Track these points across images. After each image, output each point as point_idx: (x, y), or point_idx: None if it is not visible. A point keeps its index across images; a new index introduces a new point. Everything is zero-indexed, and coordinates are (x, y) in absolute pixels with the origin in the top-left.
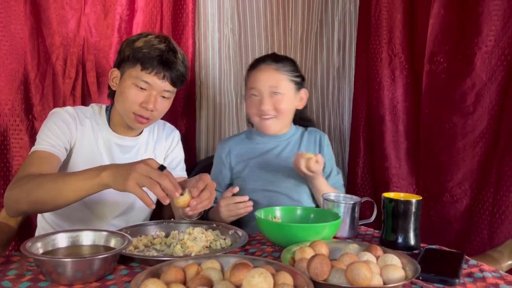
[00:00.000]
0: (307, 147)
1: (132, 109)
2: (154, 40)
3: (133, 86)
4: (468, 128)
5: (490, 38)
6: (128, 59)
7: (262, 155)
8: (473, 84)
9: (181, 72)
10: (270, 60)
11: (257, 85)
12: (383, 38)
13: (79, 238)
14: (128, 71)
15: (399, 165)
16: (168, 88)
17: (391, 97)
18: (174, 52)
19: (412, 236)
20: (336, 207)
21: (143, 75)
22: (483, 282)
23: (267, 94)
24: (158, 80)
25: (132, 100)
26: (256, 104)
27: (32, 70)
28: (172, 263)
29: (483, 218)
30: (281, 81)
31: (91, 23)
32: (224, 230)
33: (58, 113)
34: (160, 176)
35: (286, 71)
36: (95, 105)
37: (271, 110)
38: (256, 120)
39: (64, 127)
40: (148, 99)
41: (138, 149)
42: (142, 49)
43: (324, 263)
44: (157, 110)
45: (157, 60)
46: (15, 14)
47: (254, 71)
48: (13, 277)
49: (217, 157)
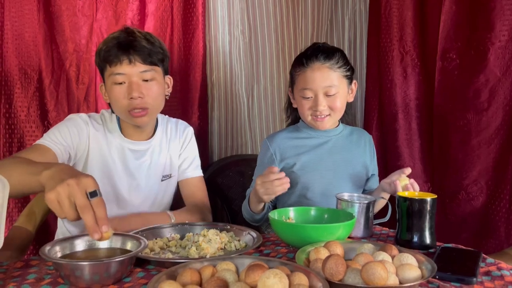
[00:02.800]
0: (357, 145)
1: (123, 107)
2: (111, 35)
3: (112, 86)
4: (483, 125)
5: (504, 33)
6: (100, 66)
7: (314, 149)
8: (487, 80)
9: (148, 48)
10: (322, 57)
11: (311, 86)
12: (394, 36)
13: (96, 241)
14: (106, 76)
15: (413, 163)
16: (144, 69)
17: (404, 95)
18: (131, 33)
19: (428, 235)
20: (351, 206)
21: (114, 70)
22: (501, 280)
23: (322, 94)
24: (128, 66)
25: (117, 98)
26: (310, 105)
27: (46, 77)
28: (188, 265)
29: (499, 215)
30: (335, 80)
31: (103, 29)
32: (238, 232)
33: (73, 119)
34: (85, 206)
35: (339, 67)
36: (105, 112)
37: (326, 110)
38: (308, 119)
39: (75, 132)
40: (130, 88)
41: (152, 152)
42: (102, 49)
43: (339, 263)
44: (146, 95)
45: (116, 48)
46: (29, 22)
47: (307, 69)
48: (33, 280)
49: (263, 153)
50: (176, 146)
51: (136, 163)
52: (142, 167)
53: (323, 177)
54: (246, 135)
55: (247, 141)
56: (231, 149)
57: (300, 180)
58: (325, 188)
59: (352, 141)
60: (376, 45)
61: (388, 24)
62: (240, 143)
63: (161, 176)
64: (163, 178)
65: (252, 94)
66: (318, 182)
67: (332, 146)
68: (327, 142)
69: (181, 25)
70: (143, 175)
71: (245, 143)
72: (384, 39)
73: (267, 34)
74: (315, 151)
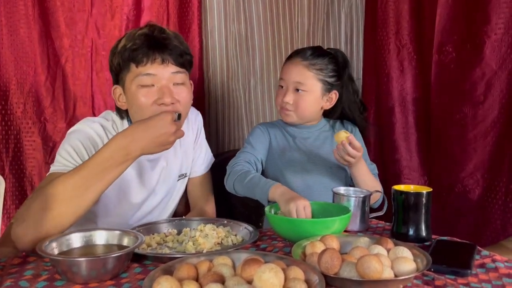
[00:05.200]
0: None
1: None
2: (134, 31)
3: (138, 88)
4: (479, 118)
5: (500, 26)
6: (120, 66)
7: (297, 144)
8: (483, 73)
9: (180, 49)
10: (305, 54)
11: (284, 76)
12: (390, 29)
13: (92, 237)
14: (127, 78)
15: (410, 157)
16: (175, 70)
17: (400, 88)
18: (160, 30)
19: (423, 228)
20: (347, 201)
21: (142, 70)
22: (495, 272)
23: (291, 88)
24: (160, 66)
25: (145, 104)
26: (280, 95)
27: (42, 73)
28: (185, 260)
29: (496, 208)
30: (307, 79)
31: (99, 25)
32: (235, 227)
33: (84, 131)
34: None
35: (318, 69)
36: (115, 117)
37: (290, 105)
38: (278, 108)
39: (90, 146)
40: (161, 92)
41: (167, 155)
42: (126, 46)
43: (335, 257)
44: (178, 100)
45: (146, 46)
46: (24, 18)
47: (287, 61)
48: (30, 277)
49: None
50: (190, 138)
51: (152, 173)
52: (158, 175)
53: (305, 171)
54: (243, 129)
55: (244, 135)
56: (228, 144)
57: (283, 173)
58: (305, 182)
59: (332, 135)
60: (372, 39)
61: (384, 18)
62: (237, 137)
63: (177, 176)
64: (179, 177)
65: (248, 89)
66: (299, 175)
67: (314, 141)
68: (310, 137)
69: (177, 20)
70: (161, 180)
71: (242, 137)
72: (381, 33)
73: (263, 29)
74: (297, 146)
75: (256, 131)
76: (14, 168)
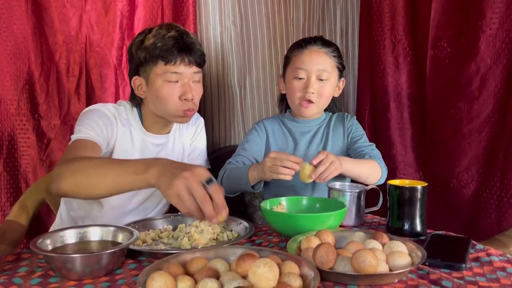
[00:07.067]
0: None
1: (175, 107)
2: (162, 31)
3: (164, 83)
4: (474, 113)
5: (494, 21)
6: (146, 61)
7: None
8: (478, 68)
9: (201, 52)
10: (320, 42)
11: (306, 66)
12: (385, 24)
13: (87, 234)
14: (153, 71)
15: (405, 152)
16: (196, 70)
17: (395, 84)
18: (187, 35)
19: (418, 222)
20: (342, 196)
21: (170, 68)
22: (490, 266)
23: (314, 77)
24: (185, 67)
25: (169, 97)
26: (300, 87)
27: (36, 69)
28: (179, 256)
29: (490, 202)
30: (329, 66)
31: (93, 21)
32: (231, 222)
33: (101, 111)
34: (204, 197)
35: (335, 56)
36: (126, 104)
37: (315, 95)
38: (296, 103)
39: (108, 126)
40: (184, 89)
41: (167, 146)
42: (156, 45)
43: (330, 252)
44: (195, 97)
45: (177, 49)
46: (17, 14)
47: (304, 50)
48: (24, 273)
49: (251, 134)
50: (188, 135)
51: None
52: None
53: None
54: (239, 125)
55: (239, 131)
56: (224, 140)
57: None
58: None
59: (330, 129)
60: (367, 34)
61: (379, 13)
62: (233, 134)
63: None
64: None
65: (244, 85)
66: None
67: (313, 136)
68: (309, 131)
69: (172, 16)
70: None
71: (237, 133)
72: (376, 28)
73: (258, 24)
74: (295, 141)
75: (251, 133)
76: (9, 165)
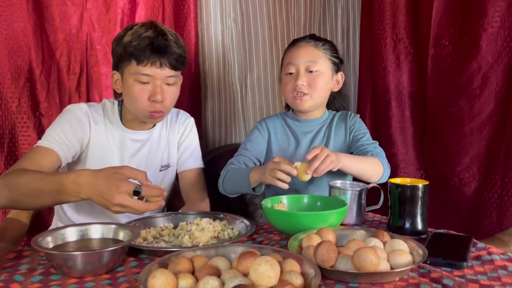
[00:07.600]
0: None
1: (142, 107)
2: (140, 30)
3: (135, 83)
4: (475, 111)
5: (496, 19)
6: (122, 57)
7: (297, 138)
8: (479, 66)
9: (177, 54)
10: (309, 38)
11: (294, 60)
12: (387, 23)
13: (88, 231)
14: (126, 69)
15: (406, 150)
16: (170, 74)
17: (397, 82)
18: (163, 35)
19: (419, 221)
20: (343, 194)
21: (141, 69)
22: (491, 264)
23: (303, 70)
24: (157, 69)
25: (139, 98)
26: (291, 81)
27: (37, 67)
28: (181, 254)
29: (491, 201)
30: (319, 58)
31: (93, 18)
32: (232, 220)
33: (72, 110)
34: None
35: (325, 49)
36: (107, 102)
37: (305, 87)
38: (290, 97)
39: (76, 126)
40: (154, 91)
41: (151, 142)
42: (131, 43)
43: (331, 250)
44: (166, 99)
45: (149, 50)
46: (18, 11)
47: (292, 47)
48: (25, 271)
49: (252, 134)
50: (175, 136)
51: (135, 154)
52: (140, 158)
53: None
54: (239, 124)
55: (240, 130)
56: (224, 139)
57: None
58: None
59: (332, 127)
60: (369, 32)
61: (381, 11)
62: (234, 132)
63: (160, 166)
64: (161, 168)
65: (245, 83)
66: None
67: (315, 135)
68: (311, 131)
69: (173, 14)
70: (142, 165)
71: (238, 132)
72: (377, 27)
73: (259, 22)
74: (297, 140)
75: (253, 132)
76: (10, 163)
